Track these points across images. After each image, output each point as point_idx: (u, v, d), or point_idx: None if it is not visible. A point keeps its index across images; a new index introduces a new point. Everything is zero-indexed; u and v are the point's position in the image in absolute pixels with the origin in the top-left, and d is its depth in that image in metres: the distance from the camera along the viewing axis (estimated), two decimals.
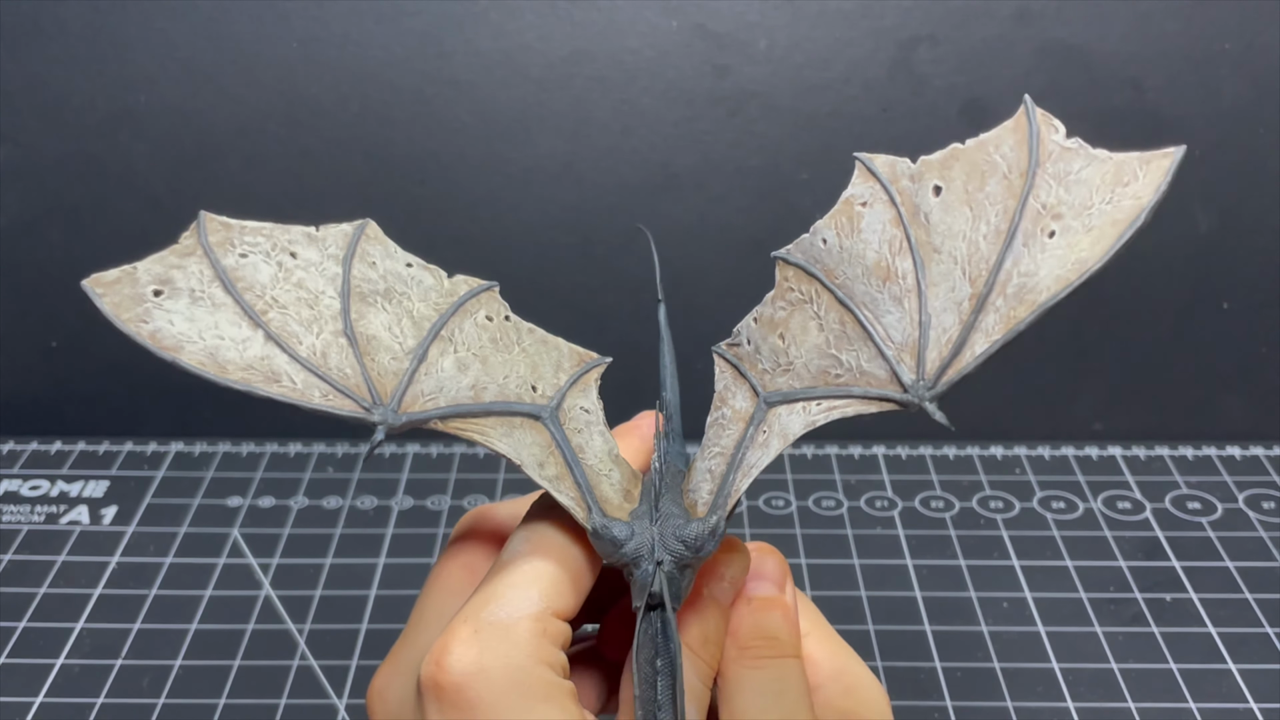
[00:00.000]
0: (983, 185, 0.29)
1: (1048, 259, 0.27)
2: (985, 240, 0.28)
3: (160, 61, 0.54)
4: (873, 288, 0.30)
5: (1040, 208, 0.28)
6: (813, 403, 0.29)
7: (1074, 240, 0.27)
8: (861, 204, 0.31)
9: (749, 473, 0.29)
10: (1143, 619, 0.48)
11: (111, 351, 0.60)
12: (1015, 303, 0.28)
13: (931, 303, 0.28)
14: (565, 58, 0.54)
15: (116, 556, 0.51)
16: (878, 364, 0.29)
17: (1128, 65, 0.54)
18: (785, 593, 0.31)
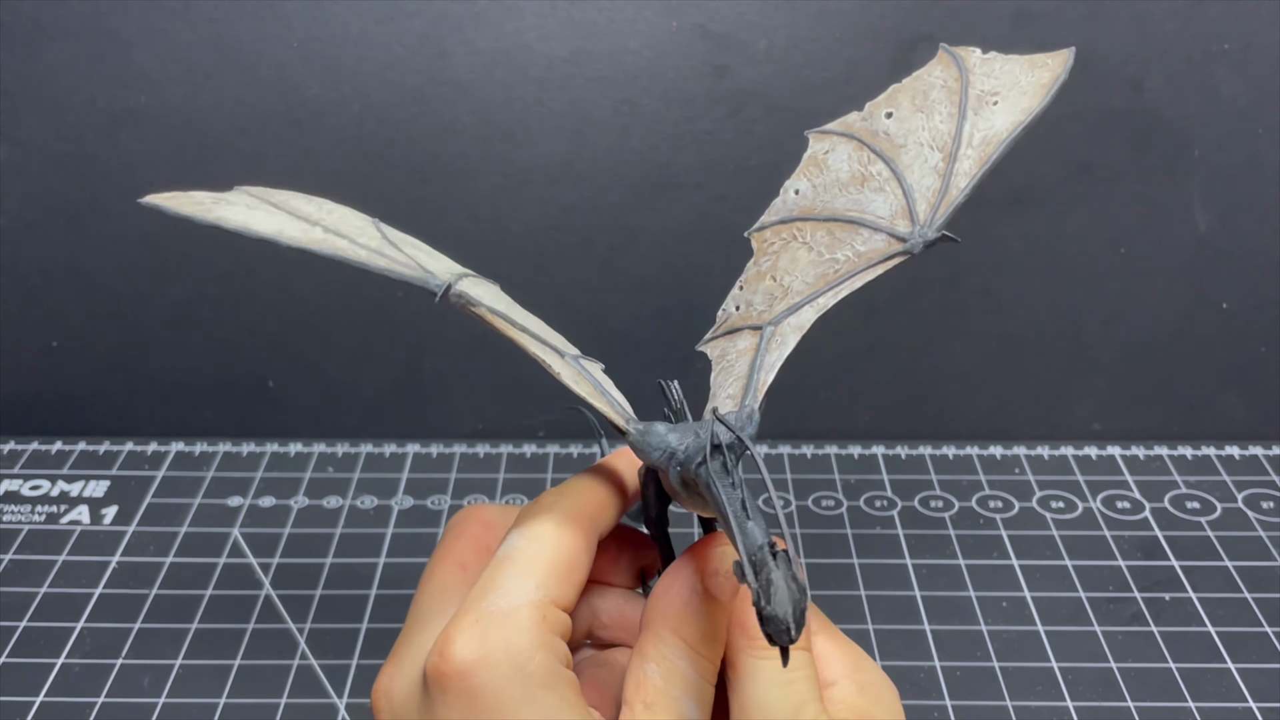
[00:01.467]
0: (927, 98, 0.33)
1: (999, 114, 0.32)
2: (942, 123, 0.33)
3: (160, 62, 0.54)
4: (853, 194, 0.33)
5: (980, 92, 0.32)
6: (820, 298, 0.32)
7: (1015, 99, 0.32)
8: (824, 153, 0.34)
9: (771, 368, 0.31)
10: (1142, 618, 0.48)
11: (112, 352, 0.60)
12: (982, 146, 0.31)
13: (909, 178, 0.32)
14: (565, 58, 0.54)
15: (117, 556, 0.51)
16: (874, 240, 0.32)
17: (1127, 65, 0.54)
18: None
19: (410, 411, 0.61)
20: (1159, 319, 0.59)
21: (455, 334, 0.59)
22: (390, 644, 0.47)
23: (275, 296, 0.59)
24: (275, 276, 0.58)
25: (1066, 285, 0.59)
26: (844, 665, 0.31)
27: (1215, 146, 0.56)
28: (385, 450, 0.58)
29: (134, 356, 0.60)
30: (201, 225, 0.28)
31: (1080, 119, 0.55)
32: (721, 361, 0.32)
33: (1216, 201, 0.57)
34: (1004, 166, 0.56)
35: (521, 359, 0.60)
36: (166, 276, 0.58)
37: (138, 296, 0.58)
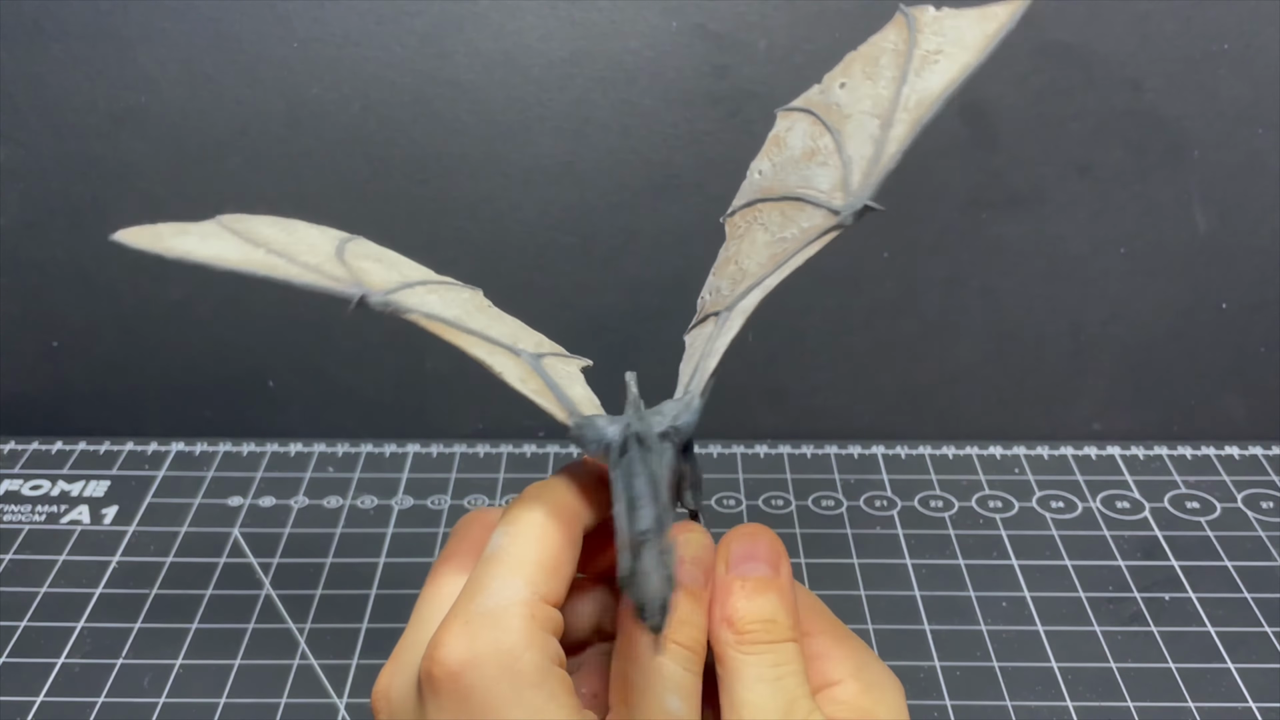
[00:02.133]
0: (877, 63, 0.32)
1: (936, 73, 0.31)
2: (885, 88, 0.32)
3: (161, 62, 0.54)
4: (802, 170, 0.32)
5: (925, 52, 0.32)
6: (766, 279, 0.32)
7: (955, 56, 0.31)
8: (786, 130, 0.34)
9: (716, 354, 0.30)
10: (1141, 618, 0.48)
11: (113, 351, 0.60)
12: (916, 109, 0.31)
13: (848, 149, 0.32)
14: (565, 58, 0.54)
15: (117, 556, 0.51)
16: (815, 215, 0.32)
17: (1127, 65, 0.54)
18: (780, 574, 0.31)
19: (410, 411, 0.61)
20: (1159, 319, 0.59)
21: None
22: (391, 644, 0.47)
23: (276, 296, 0.58)
24: None
25: (1066, 285, 0.59)
26: (849, 664, 0.30)
27: (1215, 146, 0.56)
28: (385, 450, 0.58)
29: (134, 356, 0.60)
30: (152, 256, 0.30)
31: (1080, 119, 0.55)
32: (689, 350, 0.32)
33: (1216, 201, 0.57)
34: (1004, 167, 0.56)
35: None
36: (167, 276, 0.58)
37: (138, 296, 0.59)
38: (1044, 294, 0.59)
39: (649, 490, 0.26)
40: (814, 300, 0.58)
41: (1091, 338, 0.60)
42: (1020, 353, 0.60)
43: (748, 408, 0.38)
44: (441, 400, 0.61)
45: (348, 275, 0.31)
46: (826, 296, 0.58)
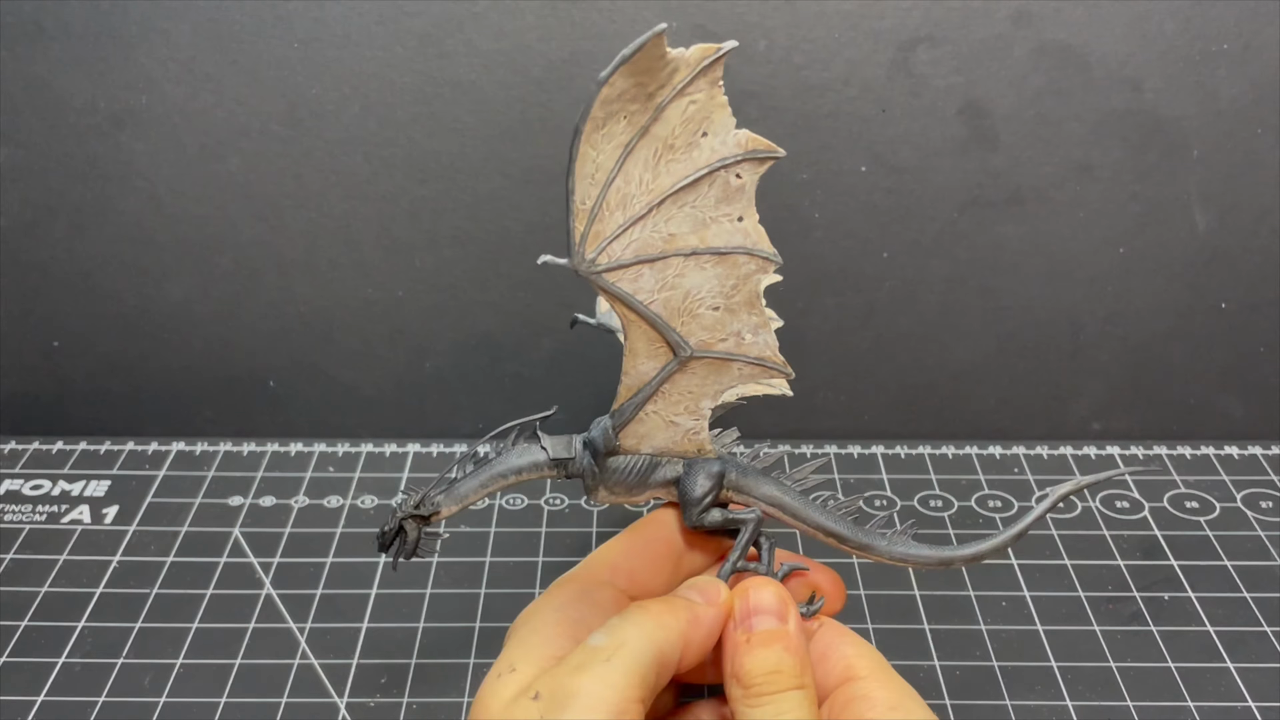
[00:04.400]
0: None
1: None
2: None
3: (161, 62, 0.54)
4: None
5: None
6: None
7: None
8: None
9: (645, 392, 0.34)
10: (1141, 618, 0.48)
11: (113, 351, 0.60)
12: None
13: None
14: (565, 58, 0.54)
15: (118, 555, 0.51)
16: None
17: (1126, 66, 0.54)
18: (788, 624, 0.32)
19: (411, 411, 0.61)
20: (1158, 319, 0.59)
21: (456, 334, 0.59)
22: (388, 642, 0.47)
23: (276, 296, 0.59)
24: (276, 277, 0.58)
25: (1066, 285, 0.59)
26: (886, 704, 0.32)
27: (1214, 146, 0.56)
28: (386, 450, 0.58)
29: (135, 356, 0.60)
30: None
31: (1079, 119, 0.55)
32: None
33: (1215, 201, 0.57)
34: (1003, 167, 0.56)
35: (520, 358, 0.60)
36: (168, 276, 0.58)
37: (139, 296, 0.59)
38: (1043, 294, 0.59)
39: (466, 472, 0.35)
40: (813, 299, 0.58)
41: (1091, 337, 0.60)
42: (1020, 352, 0.60)
43: (747, 407, 0.38)
44: (442, 400, 0.61)
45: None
46: (826, 295, 0.58)
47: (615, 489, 0.36)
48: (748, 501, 0.37)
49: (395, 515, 0.35)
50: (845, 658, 0.34)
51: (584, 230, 0.31)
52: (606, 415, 0.35)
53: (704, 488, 0.35)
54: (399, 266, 0.58)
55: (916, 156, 0.56)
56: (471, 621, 0.47)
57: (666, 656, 0.31)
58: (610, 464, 0.35)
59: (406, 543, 0.35)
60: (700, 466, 0.36)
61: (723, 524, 0.36)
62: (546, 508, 0.54)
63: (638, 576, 0.35)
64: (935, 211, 0.57)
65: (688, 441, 0.35)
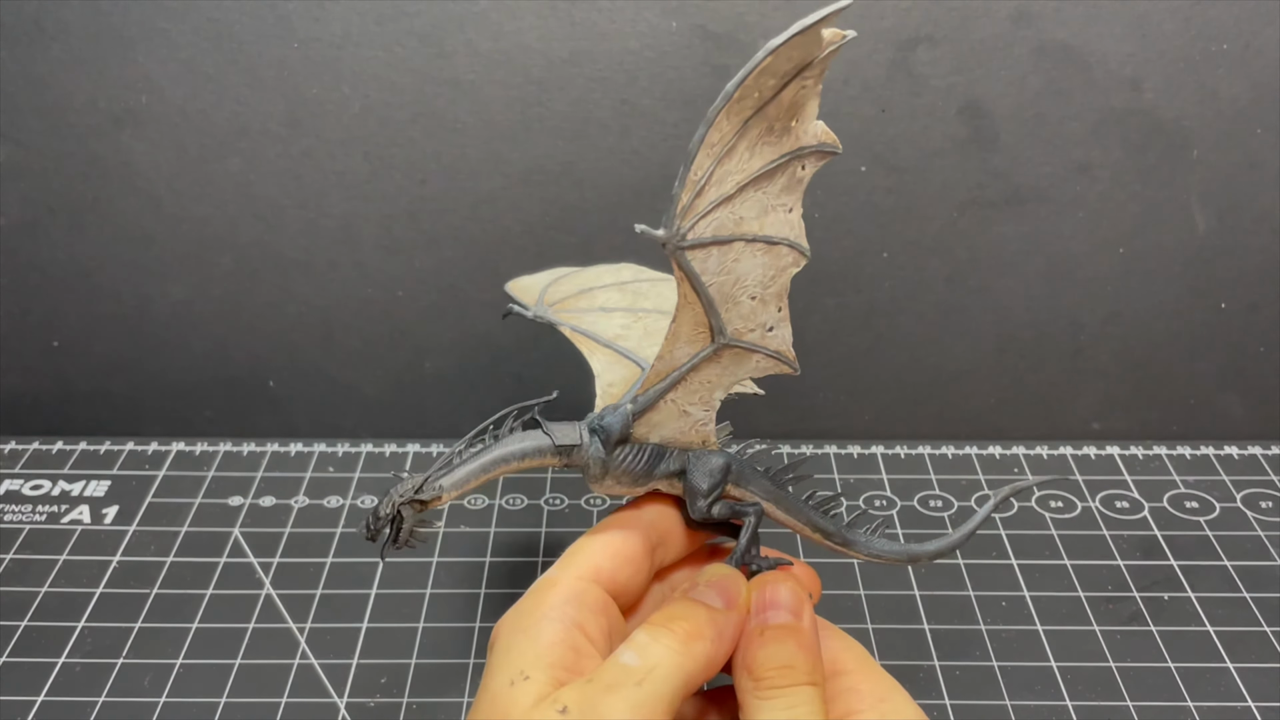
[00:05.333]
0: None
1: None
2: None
3: (161, 62, 0.54)
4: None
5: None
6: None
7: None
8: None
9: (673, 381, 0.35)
10: (1140, 618, 0.48)
11: (113, 351, 0.60)
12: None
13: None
14: (565, 58, 0.54)
15: (118, 555, 0.51)
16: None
17: (1126, 65, 0.54)
18: (802, 619, 0.33)
19: (411, 411, 0.61)
20: (1158, 319, 0.59)
21: (456, 334, 0.59)
22: (388, 642, 0.47)
23: (276, 296, 0.59)
24: (276, 277, 0.58)
25: (1065, 285, 0.59)
26: (874, 696, 0.32)
27: (1214, 147, 0.56)
28: (386, 450, 0.58)
29: (135, 356, 0.60)
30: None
31: (1079, 119, 0.55)
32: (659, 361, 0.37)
33: (1215, 201, 0.57)
34: (1003, 167, 0.56)
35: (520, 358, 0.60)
36: (168, 276, 0.58)
37: (139, 296, 0.59)
38: (1043, 294, 0.59)
39: (458, 460, 0.34)
40: (813, 299, 0.58)
41: (1091, 337, 0.60)
42: (1019, 352, 0.60)
43: (746, 407, 0.38)
44: (441, 400, 0.61)
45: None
46: (826, 295, 0.58)
47: (621, 479, 0.36)
48: (745, 496, 0.37)
49: (392, 500, 0.33)
50: (831, 651, 0.34)
51: (687, 202, 0.30)
52: (625, 401, 0.35)
53: (713, 480, 0.36)
54: (399, 266, 0.58)
55: (916, 156, 0.56)
56: (471, 622, 0.47)
57: (693, 681, 0.31)
58: (617, 453, 0.35)
59: (400, 531, 0.33)
60: (707, 458, 0.36)
61: (728, 516, 0.36)
62: (546, 508, 0.54)
63: (619, 575, 0.35)
64: (935, 211, 0.57)
65: (695, 433, 0.35)
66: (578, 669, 0.31)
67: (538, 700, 0.30)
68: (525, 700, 0.30)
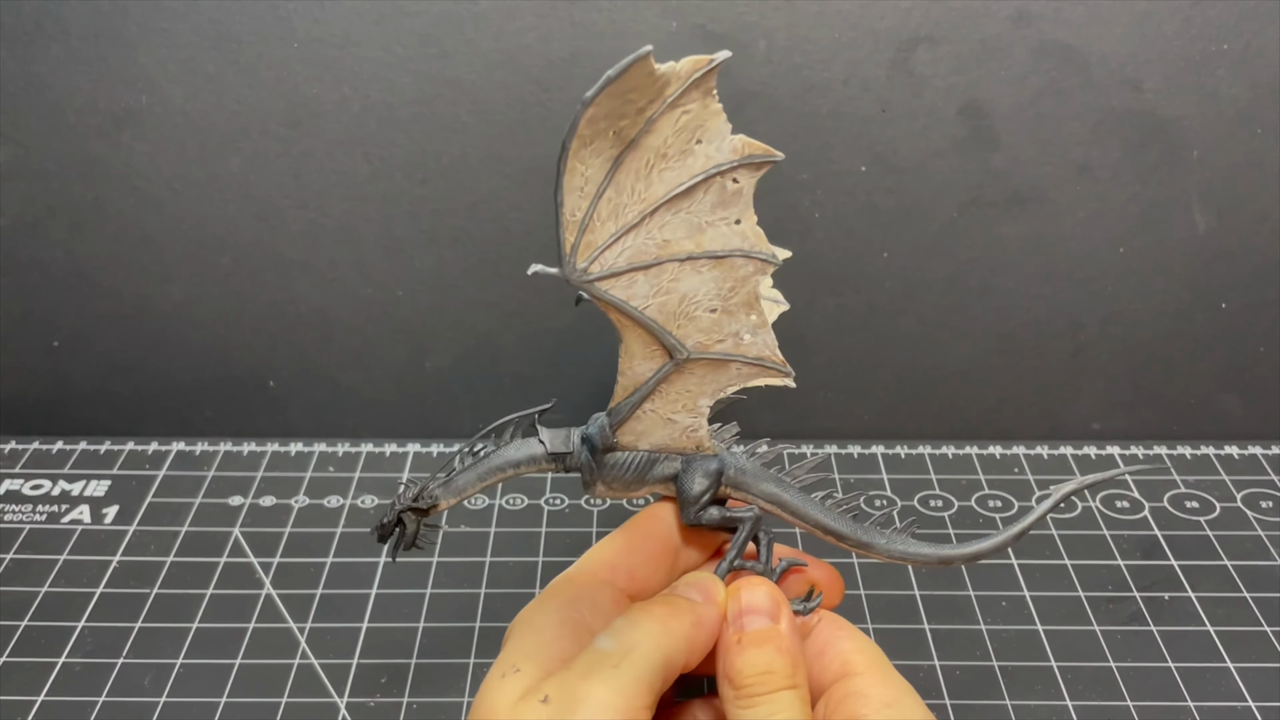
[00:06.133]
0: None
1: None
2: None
3: (161, 62, 0.54)
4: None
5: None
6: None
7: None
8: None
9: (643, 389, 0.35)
10: (1141, 618, 0.48)
11: (113, 351, 0.60)
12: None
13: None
14: (566, 58, 0.54)
15: (118, 555, 0.51)
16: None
17: (1126, 66, 0.54)
18: (780, 623, 0.32)
19: (411, 411, 0.61)
20: (1158, 319, 0.59)
21: (456, 333, 0.59)
22: (388, 642, 0.47)
23: (276, 296, 0.59)
24: (276, 276, 0.58)
25: (1066, 285, 0.59)
26: (881, 701, 0.32)
27: (1214, 147, 0.56)
28: (386, 450, 0.58)
29: (135, 356, 0.60)
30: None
31: (1079, 119, 0.55)
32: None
33: (1215, 202, 0.57)
34: (1003, 167, 0.56)
35: (520, 358, 0.60)
36: (168, 276, 0.58)
37: (139, 296, 0.59)
38: (1043, 294, 0.59)
39: (461, 466, 0.36)
40: (814, 299, 0.59)
41: (1091, 337, 0.60)
42: (1020, 352, 0.60)
43: (746, 407, 0.38)
44: (442, 400, 0.61)
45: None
46: (826, 295, 0.59)
47: (613, 485, 0.36)
48: (746, 499, 0.37)
49: (394, 507, 0.35)
50: (842, 653, 0.34)
51: (575, 241, 0.31)
52: (604, 412, 0.35)
53: (702, 485, 0.36)
54: (399, 266, 0.58)
55: (916, 156, 0.56)
56: (472, 621, 0.47)
57: (673, 661, 0.31)
58: (608, 460, 0.35)
59: (405, 535, 0.36)
60: (698, 464, 0.36)
61: (721, 522, 0.36)
62: (546, 507, 0.54)
63: (636, 575, 0.35)
64: (935, 211, 0.57)
65: (686, 438, 0.35)
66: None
67: (524, 692, 0.30)
68: (512, 692, 0.30)
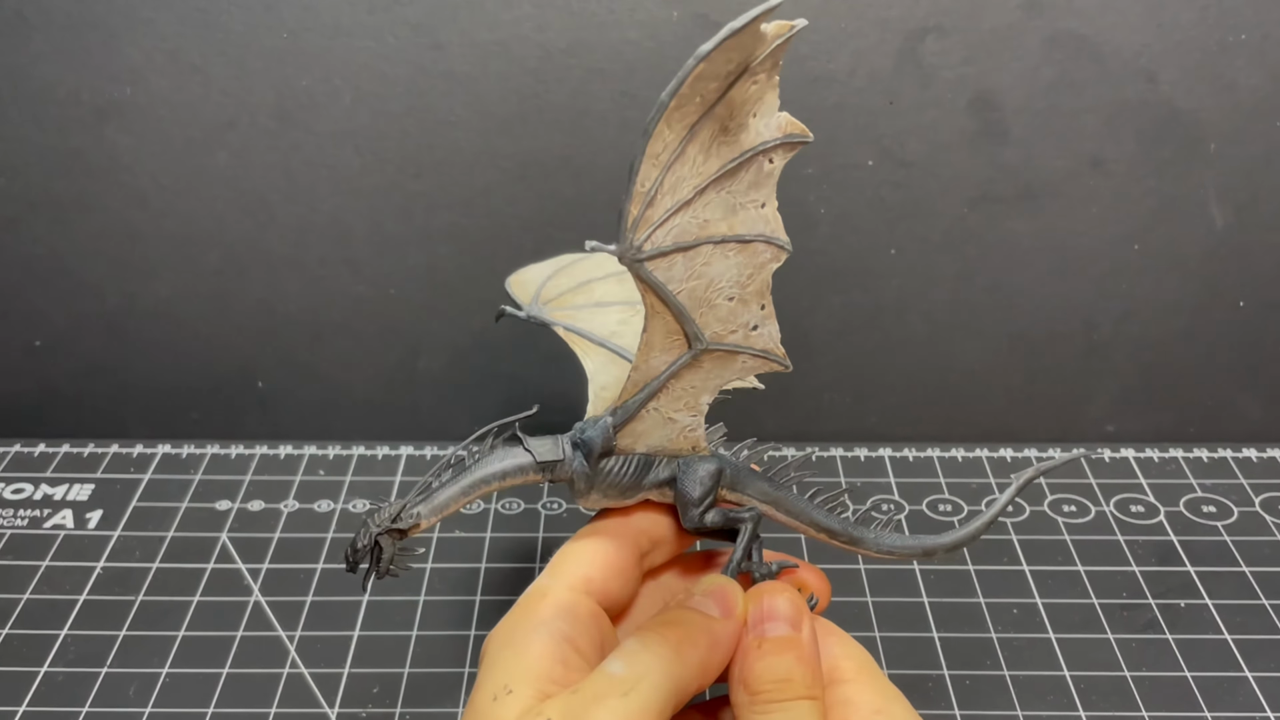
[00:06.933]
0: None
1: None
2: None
3: (147, 53, 0.54)
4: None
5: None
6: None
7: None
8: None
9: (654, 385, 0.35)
10: (1156, 625, 0.48)
11: (96, 351, 0.60)
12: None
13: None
14: (563, 49, 0.54)
15: (102, 561, 0.51)
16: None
17: (1141, 56, 0.54)
18: (801, 632, 0.32)
19: (404, 413, 0.61)
20: (1174, 317, 0.59)
21: (450, 333, 0.59)
22: (380, 651, 0.47)
23: (265, 294, 0.59)
24: (265, 274, 0.58)
25: (1078, 282, 0.58)
26: (870, 709, 0.32)
27: (1231, 140, 0.56)
28: (378, 452, 0.58)
29: (119, 356, 0.60)
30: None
31: (1093, 111, 0.55)
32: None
33: (1233, 196, 0.57)
34: (1014, 161, 0.56)
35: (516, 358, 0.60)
36: (153, 274, 0.58)
37: (123, 294, 0.58)
38: (1055, 291, 0.59)
39: (442, 481, 0.35)
40: (819, 297, 0.58)
41: (1105, 336, 0.60)
42: (1031, 352, 0.60)
43: (749, 408, 0.38)
44: (435, 401, 0.61)
45: None
46: (832, 294, 0.58)
47: (608, 492, 0.36)
48: (742, 500, 0.37)
49: (369, 530, 0.33)
50: (831, 658, 0.34)
51: (638, 215, 0.30)
52: (605, 414, 0.35)
53: (705, 487, 0.35)
54: (391, 263, 0.58)
55: (925, 150, 0.56)
56: (466, 630, 0.47)
57: (685, 688, 0.31)
58: (603, 465, 0.35)
59: (380, 561, 0.33)
60: (698, 465, 0.36)
61: (723, 524, 0.36)
62: (543, 512, 0.54)
63: (610, 585, 0.34)
64: (944, 207, 0.57)
65: (683, 439, 0.35)
66: (565, 682, 0.31)
67: (521, 715, 0.29)
68: (508, 715, 0.30)
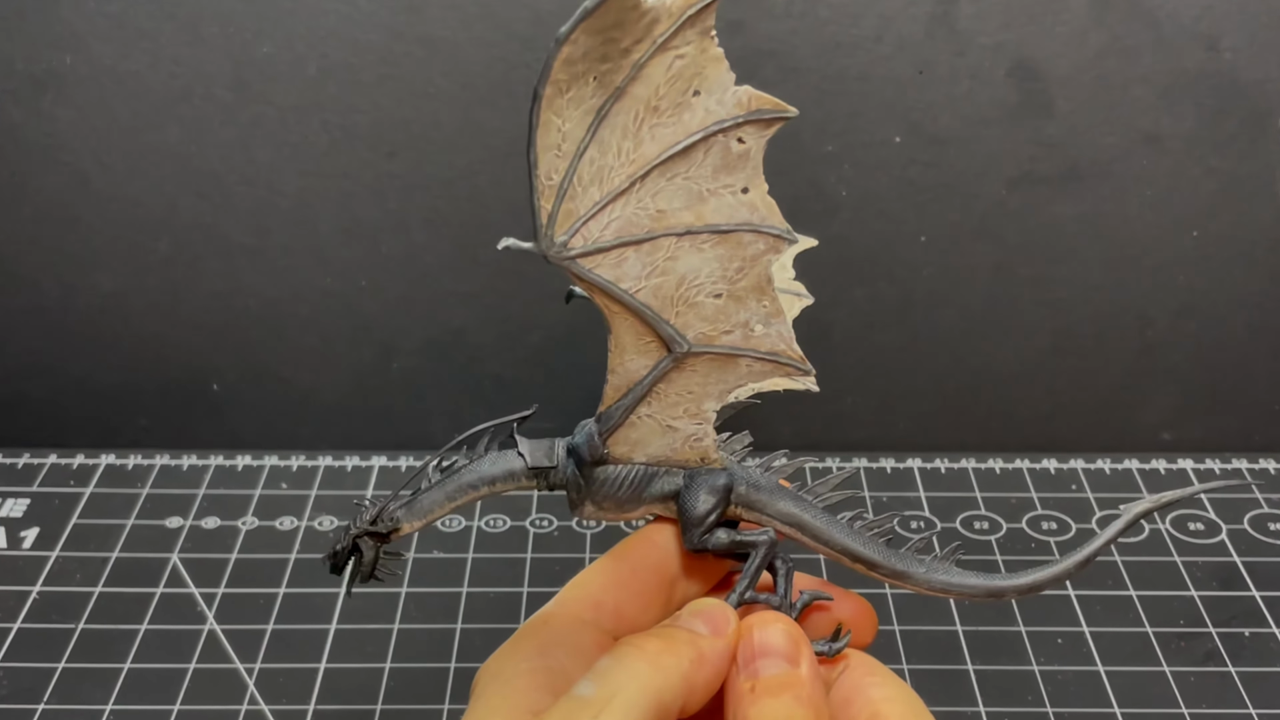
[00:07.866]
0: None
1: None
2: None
3: (88, 16, 0.54)
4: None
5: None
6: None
7: None
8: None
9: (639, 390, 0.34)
10: (1217, 657, 0.48)
11: (33, 350, 0.60)
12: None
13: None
14: (554, 11, 0.54)
15: (38, 585, 0.51)
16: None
17: (1201, 20, 0.54)
18: (800, 667, 0.32)
19: (375, 419, 0.61)
20: (1237, 312, 0.59)
21: (427, 330, 0.59)
22: (350, 685, 0.47)
23: (221, 287, 0.59)
24: (221, 265, 0.58)
25: (1131, 273, 0.59)
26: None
27: None
28: (347, 463, 0.58)
29: (58, 356, 0.60)
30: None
31: (1147, 82, 0.55)
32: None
33: None
34: (1059, 137, 0.56)
35: (501, 358, 0.60)
36: (95, 264, 0.58)
37: (62, 286, 0.59)
38: (1105, 284, 0.59)
39: (428, 485, 0.35)
40: (840, 290, 0.58)
41: (1160, 334, 0.60)
42: (1078, 351, 0.60)
43: (762, 415, 0.38)
44: (411, 406, 0.61)
45: None
46: (855, 287, 0.59)
47: (604, 504, 0.35)
48: (760, 520, 0.37)
49: (348, 532, 0.34)
50: (871, 703, 0.33)
51: (552, 209, 0.31)
52: (591, 418, 0.35)
53: (707, 504, 0.35)
54: (362, 252, 0.58)
55: (959, 125, 0.56)
56: (446, 661, 0.47)
57: (667, 706, 0.31)
58: (598, 475, 0.35)
59: (362, 564, 0.34)
60: (703, 479, 0.35)
61: (730, 547, 0.36)
62: (532, 530, 0.54)
63: (625, 613, 0.34)
64: (981, 189, 0.57)
65: (689, 449, 0.35)
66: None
67: None
68: None
